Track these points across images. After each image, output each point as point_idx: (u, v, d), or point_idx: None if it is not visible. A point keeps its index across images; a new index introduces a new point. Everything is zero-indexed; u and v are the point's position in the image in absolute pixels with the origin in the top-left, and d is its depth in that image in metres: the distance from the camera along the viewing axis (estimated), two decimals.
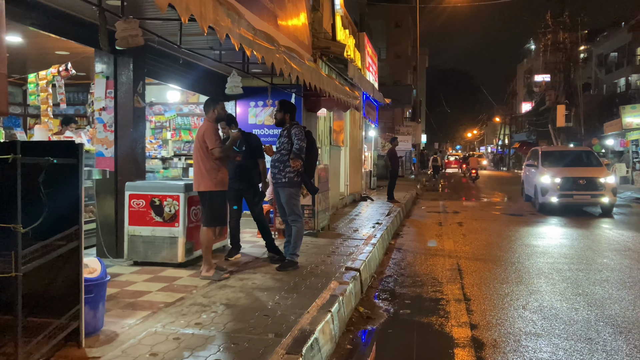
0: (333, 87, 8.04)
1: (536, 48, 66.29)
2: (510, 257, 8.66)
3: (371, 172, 19.38)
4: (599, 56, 57.07)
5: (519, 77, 76.41)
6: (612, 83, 57.61)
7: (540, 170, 15.17)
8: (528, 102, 64.37)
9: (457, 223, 12.82)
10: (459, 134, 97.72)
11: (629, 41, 53.68)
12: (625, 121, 26.97)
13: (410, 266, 8.00)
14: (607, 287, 6.70)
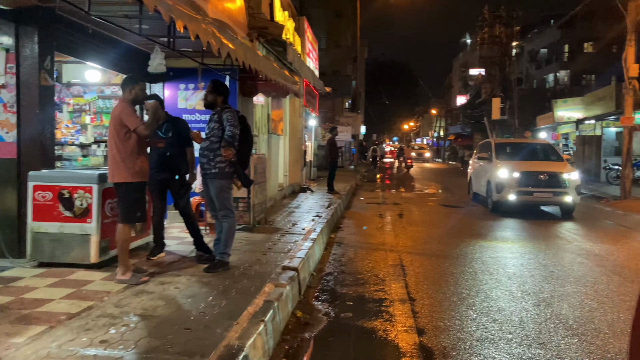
0: (270, 69, 7.41)
1: (472, 42, 67.97)
2: (453, 251, 8.37)
3: (311, 163, 18.86)
4: (530, 52, 59.14)
5: (455, 70, 78.19)
6: (542, 78, 59.93)
7: (494, 164, 13.31)
8: (463, 95, 65.97)
9: (397, 215, 12.52)
10: (396, 126, 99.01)
11: (558, 38, 55.91)
12: (557, 115, 27.80)
13: (351, 262, 7.53)
14: (553, 283, 6.48)
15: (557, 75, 57.66)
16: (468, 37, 72.43)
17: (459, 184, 20.39)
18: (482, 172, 14.48)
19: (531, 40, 59.25)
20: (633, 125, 15.83)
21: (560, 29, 51.30)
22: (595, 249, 8.68)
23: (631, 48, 15.40)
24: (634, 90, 15.45)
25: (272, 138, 11.91)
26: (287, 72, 9.29)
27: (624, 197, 15.58)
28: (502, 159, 13.59)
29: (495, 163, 13.39)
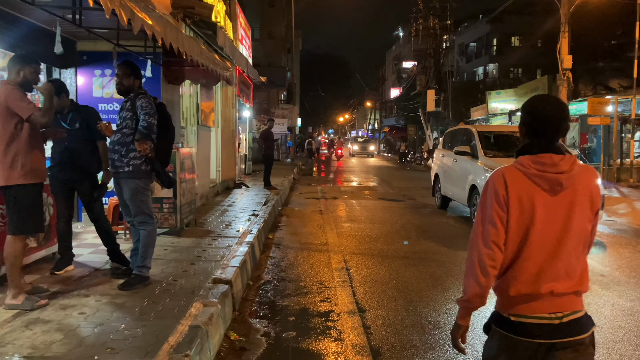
0: (197, 50, 6.52)
1: (404, 35, 68.68)
2: (400, 250, 7.82)
3: (246, 156, 17.94)
4: (460, 45, 60.43)
5: (388, 63, 78.93)
6: (472, 71, 61.43)
7: (484, 161, 9.65)
8: (397, 87, 66.65)
9: (338, 211, 11.91)
10: (331, 118, 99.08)
11: (487, 32, 57.40)
12: (490, 106, 28.16)
13: (292, 267, 6.80)
14: None
15: (487, 69, 59.26)
16: (401, 30, 73.18)
17: (398, 176, 20.15)
18: (459, 172, 10.70)
19: (461, 34, 60.55)
20: None
21: (489, 23, 52.56)
22: None
23: (565, 39, 15.51)
24: (568, 81, 15.58)
25: (203, 130, 10.96)
26: (217, 56, 8.40)
27: None
28: (491, 155, 9.82)
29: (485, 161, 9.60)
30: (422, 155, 32.24)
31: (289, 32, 44.05)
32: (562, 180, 1.99)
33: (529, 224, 2.00)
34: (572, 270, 2.01)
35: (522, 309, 2.00)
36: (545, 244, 2.00)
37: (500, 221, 2.01)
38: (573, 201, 2.01)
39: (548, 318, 1.97)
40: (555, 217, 2.00)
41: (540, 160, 2.01)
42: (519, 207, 2.00)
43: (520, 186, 2.01)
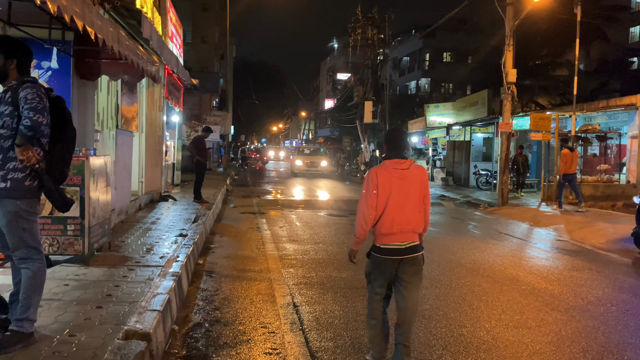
0: (115, 36, 5.24)
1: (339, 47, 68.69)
2: (355, 279, 6.80)
3: (174, 165, 16.43)
4: (394, 59, 61.10)
5: (323, 74, 78.78)
6: (405, 85, 62.26)
7: None
8: (331, 98, 66.42)
9: (278, 228, 10.78)
10: (265, 127, 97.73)
11: (420, 48, 58.39)
12: (429, 119, 27.98)
13: (228, 303, 5.61)
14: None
15: (419, 83, 60.24)
16: (336, 42, 73.23)
17: (336, 188, 19.23)
18: None
19: (395, 48, 61.26)
20: (511, 131, 15.69)
21: (422, 39, 53.41)
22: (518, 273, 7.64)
23: (510, 53, 15.22)
24: (512, 95, 15.29)
25: (123, 135, 9.53)
26: (142, 48, 7.10)
27: (502, 203, 15.36)
28: None
29: None
30: (358, 167, 31.70)
31: (223, 38, 42.58)
32: (405, 173, 3.78)
33: (388, 196, 3.74)
34: (412, 220, 3.79)
35: (385, 240, 3.78)
36: (397, 206, 3.75)
37: (374, 198, 3.75)
38: (411, 184, 3.79)
39: (399, 245, 3.77)
40: (402, 192, 3.77)
41: (394, 163, 3.81)
42: (383, 187, 3.74)
43: (384, 176, 3.76)
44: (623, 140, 17.59)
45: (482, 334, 4.88)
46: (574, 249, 9.51)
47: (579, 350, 4.54)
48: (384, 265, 3.78)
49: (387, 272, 3.80)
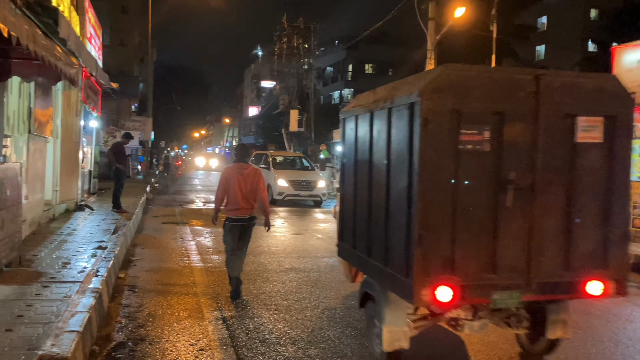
0: (30, 35, 4.86)
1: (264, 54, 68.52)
2: (285, 291, 6.69)
3: (91, 173, 15.58)
4: (318, 69, 61.75)
5: (247, 81, 78.24)
6: (328, 95, 63.07)
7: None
8: (256, 106, 66.05)
9: (203, 238, 10.47)
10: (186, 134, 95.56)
11: (343, 59, 59.41)
12: None
13: (152, 320, 5.32)
14: None
15: (342, 93, 61.20)
16: (260, 50, 73.02)
17: None
18: None
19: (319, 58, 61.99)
20: None
21: (346, 50, 54.42)
22: None
23: (431, 67, 15.73)
24: None
25: (36, 141, 8.90)
26: (59, 48, 6.65)
27: None
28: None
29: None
30: None
31: (144, 41, 41.24)
32: (244, 172, 6.23)
33: (233, 187, 6.15)
34: (248, 201, 6.22)
35: (232, 214, 6.21)
36: (237, 194, 6.15)
37: (224, 187, 6.23)
38: (246, 180, 6.19)
39: (241, 217, 6.21)
40: (241, 186, 6.15)
41: (238, 165, 6.33)
42: (229, 181, 6.21)
43: (230, 174, 6.25)
44: None
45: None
46: None
47: (507, 356, 4.67)
48: (232, 229, 6.24)
49: (235, 233, 6.23)
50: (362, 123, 4.71)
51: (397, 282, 3.90)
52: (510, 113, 3.82)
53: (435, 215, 3.68)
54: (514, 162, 3.82)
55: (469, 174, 3.76)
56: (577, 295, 4.03)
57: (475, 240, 3.78)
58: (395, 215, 4.00)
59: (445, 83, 3.70)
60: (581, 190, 3.98)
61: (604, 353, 4.86)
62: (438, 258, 3.69)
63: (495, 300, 3.82)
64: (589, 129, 3.98)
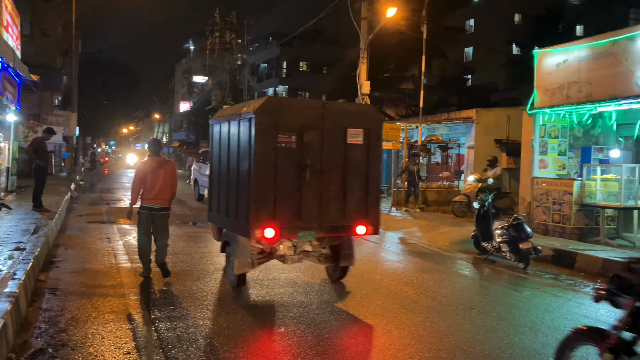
0: None
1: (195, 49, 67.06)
2: (217, 291, 6.56)
3: (9, 169, 14.67)
4: (252, 65, 61.24)
5: (178, 76, 76.33)
6: (263, 91, 62.64)
7: None
8: (187, 101, 64.58)
9: (131, 238, 10.10)
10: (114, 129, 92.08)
11: (278, 55, 59.20)
12: None
13: (76, 324, 5.07)
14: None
15: (277, 90, 61.00)
16: (192, 44, 71.44)
17: (191, 194, 18.57)
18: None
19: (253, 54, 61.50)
20: None
21: (280, 47, 54.30)
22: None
23: (364, 65, 15.95)
24: None
25: None
26: None
27: None
28: None
29: None
30: None
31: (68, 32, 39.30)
32: (160, 165, 6.81)
33: (148, 178, 6.69)
34: (163, 193, 6.77)
35: (147, 202, 6.72)
36: (153, 184, 6.69)
37: (140, 178, 6.72)
38: (161, 173, 6.75)
39: (154, 206, 6.74)
40: (156, 178, 6.71)
41: (153, 159, 6.90)
42: (145, 173, 6.72)
43: (146, 167, 6.78)
44: (462, 150, 19.33)
45: (346, 340, 4.96)
46: (423, 252, 10.18)
47: (434, 349, 4.80)
48: (147, 216, 6.76)
49: (148, 220, 6.77)
50: (223, 128, 7.12)
51: (243, 228, 6.32)
52: (308, 125, 6.28)
53: (264, 185, 6.08)
54: (310, 154, 6.25)
55: (283, 161, 6.15)
56: (351, 233, 6.61)
57: (288, 201, 6.20)
58: (242, 187, 6.42)
59: (269, 107, 6.20)
60: (350, 172, 6.50)
61: (525, 342, 5.09)
62: (265, 211, 6.07)
63: (299, 235, 6.33)
64: (355, 135, 6.53)
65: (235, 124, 6.62)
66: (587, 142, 12.37)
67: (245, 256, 6.44)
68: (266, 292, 6.60)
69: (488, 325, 5.53)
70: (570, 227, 10.65)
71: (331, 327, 5.31)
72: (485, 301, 6.71)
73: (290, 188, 6.19)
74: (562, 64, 11.18)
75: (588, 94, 10.52)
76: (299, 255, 6.62)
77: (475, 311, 6.09)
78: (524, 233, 8.59)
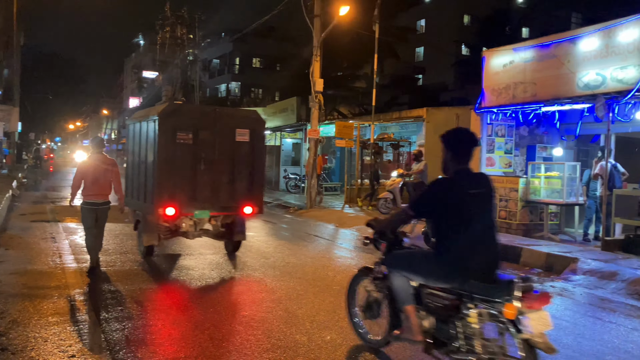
0: None
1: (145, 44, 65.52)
2: (166, 290, 6.43)
3: None
4: (204, 61, 60.34)
5: (127, 71, 74.49)
6: (215, 87, 61.85)
7: None
8: (137, 97, 63.05)
9: (78, 237, 9.77)
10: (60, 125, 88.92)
11: (230, 51, 58.54)
12: None
13: (16, 328, 4.86)
14: None
15: (229, 86, 60.33)
16: (142, 39, 69.79)
17: None
18: None
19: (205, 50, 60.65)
20: (319, 138, 16.47)
21: (233, 42, 53.74)
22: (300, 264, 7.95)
23: (317, 63, 15.97)
24: (320, 103, 16.06)
25: None
26: None
27: (310, 206, 16.04)
28: None
29: None
30: None
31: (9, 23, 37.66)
32: (101, 162, 7.13)
33: (89, 175, 7.03)
34: (106, 189, 7.10)
35: (87, 198, 7.00)
36: (95, 181, 7.01)
37: (82, 175, 7.04)
38: (105, 169, 7.08)
39: (96, 201, 7.02)
40: (100, 174, 7.01)
41: (95, 155, 7.23)
42: (86, 170, 7.08)
43: (88, 164, 7.17)
44: (413, 148, 19.66)
45: (299, 337, 4.95)
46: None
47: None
48: (90, 212, 7.02)
49: (92, 215, 7.01)
50: (136, 127, 8.54)
51: (149, 208, 7.66)
52: (202, 126, 7.78)
53: (165, 173, 7.50)
54: (204, 148, 7.73)
55: (182, 154, 7.58)
56: (239, 213, 8.03)
57: (186, 186, 7.63)
58: (149, 175, 7.82)
59: (170, 111, 7.71)
60: (238, 163, 8.01)
61: None
62: (167, 194, 7.47)
63: (195, 214, 7.74)
64: (242, 134, 8.04)
65: (145, 125, 8.07)
66: (532, 141, 12.81)
67: (152, 231, 7.77)
68: (219, 290, 6.52)
69: None
70: (516, 223, 11.01)
71: (282, 328, 5.29)
72: None
73: (187, 175, 7.64)
74: (508, 65, 11.54)
75: (533, 94, 10.90)
76: (199, 232, 8.02)
77: None
78: None
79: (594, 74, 9.79)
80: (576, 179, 10.62)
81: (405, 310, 4.02)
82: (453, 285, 3.67)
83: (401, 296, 4.04)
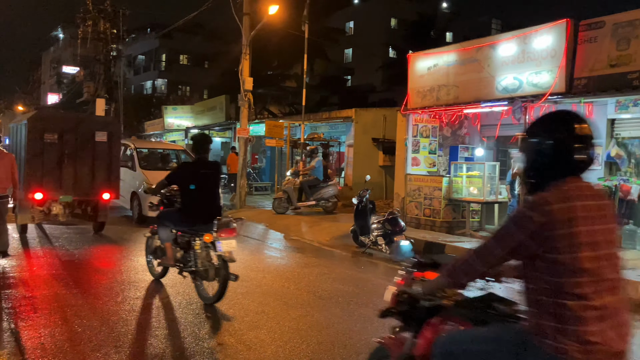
0: None
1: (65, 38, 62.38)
2: (87, 294, 6.16)
3: None
4: (129, 57, 58.29)
5: (45, 66, 70.69)
6: (140, 84, 59.95)
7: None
8: (56, 93, 59.98)
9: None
10: None
11: (156, 47, 56.92)
12: (167, 121, 27.29)
13: None
14: None
15: (156, 83, 58.61)
16: (61, 32, 66.45)
17: None
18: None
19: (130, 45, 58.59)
20: (248, 137, 16.33)
21: (159, 38, 52.28)
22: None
23: (246, 62, 15.83)
24: (249, 102, 15.94)
25: None
26: None
27: (241, 206, 15.88)
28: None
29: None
30: None
31: None
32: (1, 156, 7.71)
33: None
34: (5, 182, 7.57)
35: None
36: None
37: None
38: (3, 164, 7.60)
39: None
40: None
41: None
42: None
43: None
44: (342, 148, 19.92)
45: (224, 339, 4.90)
46: (305, 247, 10.35)
47: (314, 342, 4.90)
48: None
49: None
50: (15, 129, 10.96)
51: (22, 194, 9.28)
52: (67, 129, 10.02)
53: (34, 166, 9.64)
54: (68, 147, 9.91)
55: (49, 151, 9.73)
56: (99, 198, 10.13)
57: (52, 176, 9.75)
58: (22, 167, 9.55)
59: (39, 117, 10.33)
60: (98, 159, 10.21)
61: None
62: (35, 182, 9.57)
63: (60, 198, 9.75)
64: (101, 136, 10.24)
65: (20, 127, 10.35)
66: (454, 142, 13.32)
67: (26, 213, 9.61)
68: (142, 298, 6.32)
69: (365, 316, 5.74)
70: (439, 220, 11.41)
71: (206, 330, 5.22)
72: (363, 293, 6.96)
73: (53, 168, 9.75)
74: (433, 68, 11.93)
75: (456, 97, 11.33)
76: (68, 214, 10.00)
77: (354, 303, 6.30)
78: (399, 227, 9.06)
79: (512, 78, 10.31)
80: (495, 178, 11.13)
81: (166, 247, 6.25)
82: (189, 228, 6.04)
83: (163, 237, 6.30)
